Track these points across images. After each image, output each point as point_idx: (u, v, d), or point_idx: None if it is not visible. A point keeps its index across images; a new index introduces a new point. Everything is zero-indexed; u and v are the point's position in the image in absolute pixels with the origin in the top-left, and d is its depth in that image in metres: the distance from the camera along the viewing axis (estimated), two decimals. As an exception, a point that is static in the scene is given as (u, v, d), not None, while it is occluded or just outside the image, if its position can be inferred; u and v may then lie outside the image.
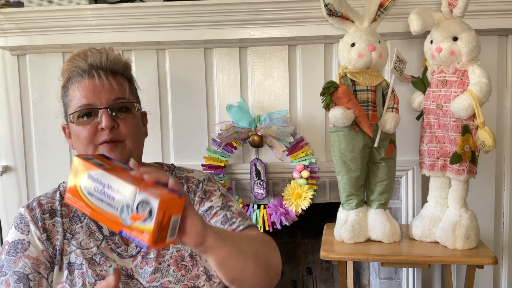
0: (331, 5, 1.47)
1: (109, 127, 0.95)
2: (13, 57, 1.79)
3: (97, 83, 0.97)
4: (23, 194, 1.84)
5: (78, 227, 1.01)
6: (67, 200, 0.76)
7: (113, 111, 0.98)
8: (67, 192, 0.76)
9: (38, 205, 1.02)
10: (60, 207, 1.02)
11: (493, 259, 1.39)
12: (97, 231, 1.01)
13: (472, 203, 1.54)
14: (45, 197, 1.04)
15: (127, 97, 1.00)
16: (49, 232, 0.99)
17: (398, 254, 1.44)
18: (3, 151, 1.84)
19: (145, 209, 0.68)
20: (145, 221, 0.68)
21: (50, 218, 1.01)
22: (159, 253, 0.99)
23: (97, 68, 0.99)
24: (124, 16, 1.65)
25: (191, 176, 1.10)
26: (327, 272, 2.28)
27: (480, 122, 1.39)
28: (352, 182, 1.52)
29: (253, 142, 1.72)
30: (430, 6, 1.56)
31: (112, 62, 1.01)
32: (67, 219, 1.01)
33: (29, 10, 1.65)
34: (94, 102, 0.97)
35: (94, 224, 1.01)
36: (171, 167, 1.13)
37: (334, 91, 1.44)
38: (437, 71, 1.49)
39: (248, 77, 1.77)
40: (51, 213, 1.01)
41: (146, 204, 0.68)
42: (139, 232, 0.69)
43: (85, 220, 1.01)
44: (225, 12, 1.64)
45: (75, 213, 1.02)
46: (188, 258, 0.99)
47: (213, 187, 1.08)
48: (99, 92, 0.97)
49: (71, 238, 0.99)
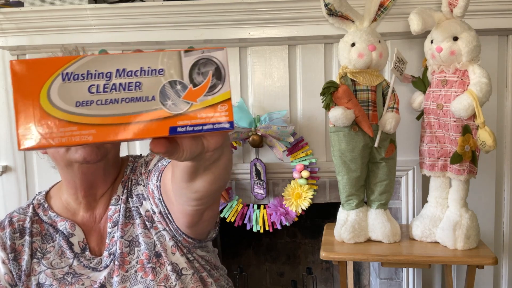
0: (331, 5, 1.47)
1: None
2: (12, 57, 1.79)
3: None
4: (23, 194, 1.84)
5: (50, 247, 0.98)
6: (26, 143, 0.42)
7: None
8: (20, 130, 0.42)
9: (9, 223, 0.99)
10: (31, 224, 0.99)
11: (493, 259, 1.39)
12: (68, 250, 0.98)
13: (472, 203, 1.54)
14: (17, 213, 1.02)
15: None
16: (17, 253, 0.97)
17: (398, 254, 1.44)
18: (3, 151, 1.84)
19: (207, 73, 0.45)
20: (213, 90, 0.45)
21: (20, 238, 0.98)
22: (124, 260, 0.95)
23: None
24: (124, 16, 1.65)
25: (140, 162, 1.03)
26: (327, 272, 2.28)
27: (480, 122, 1.39)
28: (352, 182, 1.51)
29: (253, 142, 1.72)
30: (430, 6, 1.56)
31: None
32: (38, 237, 0.99)
33: (29, 10, 1.65)
34: None
35: (65, 242, 0.98)
36: (136, 158, 1.07)
37: (334, 91, 1.44)
38: (437, 71, 1.49)
39: (248, 77, 1.77)
40: (22, 232, 0.99)
41: (206, 65, 0.45)
42: (210, 110, 0.45)
43: (57, 239, 0.99)
44: (225, 12, 1.64)
45: (47, 231, 1.00)
46: (154, 259, 0.95)
47: (152, 156, 1.02)
48: None
49: (41, 258, 0.97)
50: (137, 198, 0.99)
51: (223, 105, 0.45)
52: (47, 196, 1.05)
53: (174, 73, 0.44)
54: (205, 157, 0.57)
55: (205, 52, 0.45)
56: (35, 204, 1.03)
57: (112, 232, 0.98)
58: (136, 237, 0.97)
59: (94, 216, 1.01)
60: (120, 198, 1.00)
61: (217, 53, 0.45)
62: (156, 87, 0.44)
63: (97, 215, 1.01)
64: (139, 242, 0.96)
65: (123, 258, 0.95)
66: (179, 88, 0.44)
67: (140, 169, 1.02)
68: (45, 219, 1.01)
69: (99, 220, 1.01)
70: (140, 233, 0.96)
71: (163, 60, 0.44)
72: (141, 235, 0.96)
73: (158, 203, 0.93)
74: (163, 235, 0.96)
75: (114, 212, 0.99)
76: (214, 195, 0.72)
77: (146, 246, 0.95)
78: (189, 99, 0.44)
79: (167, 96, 0.44)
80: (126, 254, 0.96)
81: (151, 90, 0.44)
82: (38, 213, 1.02)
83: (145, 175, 1.00)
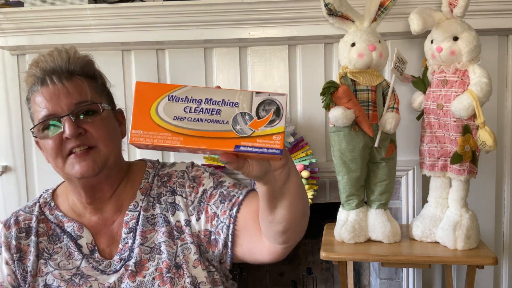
0: (331, 5, 1.47)
1: (73, 135, 0.87)
2: (12, 57, 1.78)
3: (52, 90, 0.89)
4: (23, 194, 1.84)
5: (57, 247, 0.96)
6: (135, 139, 0.61)
7: (79, 116, 0.89)
8: (133, 130, 0.61)
9: (15, 222, 0.97)
10: (37, 223, 0.97)
11: (493, 259, 1.38)
12: (76, 251, 0.96)
13: (472, 203, 1.54)
14: (24, 212, 1.00)
15: (90, 99, 0.91)
16: (22, 253, 0.95)
17: (398, 254, 1.44)
18: (2, 151, 1.84)
19: (270, 111, 0.61)
20: (271, 124, 0.61)
21: (26, 238, 0.96)
22: (143, 267, 0.94)
23: (50, 73, 0.90)
24: (124, 16, 1.64)
25: (172, 171, 1.02)
26: (327, 272, 2.27)
27: (480, 122, 1.39)
28: (352, 182, 1.51)
29: (253, 142, 1.72)
30: (430, 6, 1.56)
31: (66, 62, 0.92)
32: (44, 237, 0.97)
33: (29, 10, 1.65)
34: (54, 111, 0.88)
35: (73, 244, 0.96)
36: (155, 164, 1.05)
37: (334, 91, 1.44)
38: (438, 71, 1.49)
39: (248, 77, 1.76)
40: (28, 231, 0.97)
41: (270, 104, 0.61)
42: (266, 138, 0.61)
43: (64, 240, 0.97)
44: (225, 12, 1.64)
45: (54, 231, 0.97)
46: (174, 270, 0.93)
47: (199, 170, 1.02)
48: (57, 99, 0.88)
49: (48, 259, 0.95)
50: (170, 206, 0.97)
51: (277, 135, 0.60)
52: (54, 194, 1.03)
53: (245, 107, 0.61)
54: (275, 177, 0.69)
55: (271, 95, 0.61)
56: (42, 202, 1.01)
57: (126, 238, 0.96)
58: (159, 244, 0.95)
59: (104, 219, 0.99)
60: (139, 205, 0.98)
61: (280, 97, 0.61)
62: (231, 115, 0.61)
63: (107, 218, 0.99)
64: (161, 250, 0.95)
65: (142, 265, 0.94)
66: (247, 118, 0.61)
67: (181, 181, 1.00)
68: (51, 219, 0.99)
69: (110, 223, 0.99)
70: (163, 241, 0.95)
71: (239, 96, 0.61)
72: (164, 244, 0.95)
73: (222, 231, 0.93)
74: (188, 247, 0.95)
75: (131, 218, 0.97)
76: (297, 226, 0.82)
77: (168, 255, 0.94)
78: (253, 127, 0.61)
79: (237, 123, 0.61)
80: (146, 261, 0.94)
81: (227, 116, 0.61)
82: (45, 212, 1.00)
83: (194, 190, 0.98)
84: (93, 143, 0.89)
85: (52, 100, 0.88)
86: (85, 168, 0.88)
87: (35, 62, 0.92)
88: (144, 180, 1.01)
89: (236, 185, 0.99)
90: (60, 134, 0.88)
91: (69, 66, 0.92)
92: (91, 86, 0.93)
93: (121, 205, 0.99)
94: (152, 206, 0.98)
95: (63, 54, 0.92)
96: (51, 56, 0.92)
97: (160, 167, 1.04)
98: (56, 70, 0.91)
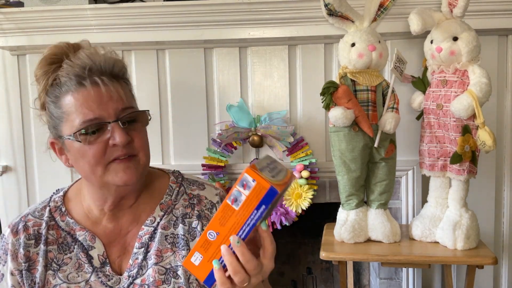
0: (331, 5, 1.47)
1: (124, 143, 0.83)
2: (13, 57, 1.79)
3: (103, 92, 0.83)
4: (23, 194, 1.84)
5: (67, 258, 0.92)
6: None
7: (124, 123, 0.85)
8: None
9: (24, 228, 0.92)
10: (47, 230, 0.92)
11: (493, 259, 1.39)
12: (86, 263, 0.91)
13: (472, 203, 1.54)
14: (32, 216, 0.94)
15: (135, 106, 0.88)
16: (31, 262, 0.90)
17: (398, 254, 1.44)
18: (3, 151, 1.84)
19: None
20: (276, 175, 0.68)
21: (35, 246, 0.91)
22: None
23: (98, 72, 0.84)
24: (124, 16, 1.65)
25: (203, 196, 0.98)
26: (327, 272, 2.28)
27: (480, 122, 1.39)
28: (352, 182, 1.51)
29: (253, 142, 1.72)
30: (430, 6, 1.56)
31: (112, 62, 0.86)
32: (54, 246, 0.92)
33: (29, 10, 1.65)
34: (101, 115, 0.83)
35: (84, 255, 0.92)
36: (178, 178, 1.01)
37: (334, 91, 1.44)
38: (437, 71, 1.49)
39: (248, 77, 1.77)
40: (37, 238, 0.92)
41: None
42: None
43: (75, 250, 0.92)
44: (225, 12, 1.64)
45: (65, 239, 0.92)
46: None
47: None
48: (106, 103, 0.83)
49: (57, 270, 0.91)
50: (192, 231, 0.95)
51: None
52: (65, 197, 0.98)
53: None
54: None
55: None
56: (52, 206, 0.96)
57: (137, 253, 0.93)
58: (176, 267, 0.92)
59: (119, 227, 0.95)
60: (156, 221, 0.94)
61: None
62: None
63: (122, 227, 0.95)
64: (177, 274, 0.91)
65: (157, 286, 0.90)
66: None
67: (207, 214, 0.96)
68: (62, 226, 0.94)
69: (125, 233, 0.95)
70: (181, 266, 0.91)
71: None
72: (181, 268, 0.92)
73: None
74: None
75: (145, 233, 0.94)
76: None
77: (184, 281, 0.91)
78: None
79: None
80: (160, 282, 0.90)
81: None
82: (55, 218, 0.95)
83: None
84: (135, 152, 0.86)
85: (101, 104, 0.83)
86: (129, 176, 0.85)
87: (74, 57, 0.85)
88: (166, 196, 0.97)
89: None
90: (106, 140, 0.83)
91: (113, 68, 0.86)
92: (127, 91, 0.89)
93: (138, 217, 0.95)
94: (174, 225, 0.95)
95: (106, 52, 0.87)
96: (93, 53, 0.85)
97: (187, 184, 1.00)
98: (102, 70, 0.85)
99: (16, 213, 1.84)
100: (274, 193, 0.64)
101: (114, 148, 0.84)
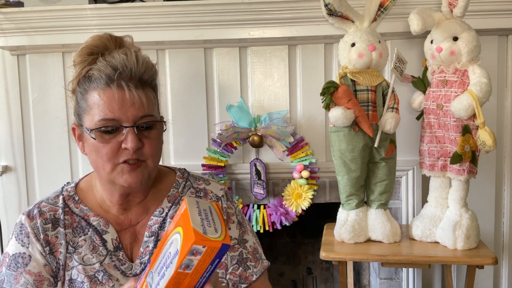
0: (331, 5, 1.47)
1: (134, 149, 0.87)
2: (13, 57, 1.79)
3: (127, 97, 0.86)
4: (23, 194, 1.84)
5: (81, 240, 0.94)
6: None
7: (139, 129, 0.89)
8: None
9: (39, 213, 0.94)
10: (63, 215, 0.95)
11: (493, 259, 1.39)
12: (101, 245, 0.94)
13: (472, 203, 1.54)
14: (47, 203, 0.96)
15: (155, 114, 0.91)
16: (51, 245, 0.93)
17: (398, 254, 1.44)
18: (3, 151, 1.84)
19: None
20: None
21: (52, 229, 0.93)
22: None
23: (127, 77, 0.87)
24: (124, 16, 1.65)
25: (209, 190, 1.03)
26: (327, 272, 2.28)
27: (480, 122, 1.39)
28: (352, 182, 1.51)
29: (253, 142, 1.72)
30: (430, 6, 1.56)
31: (143, 69, 0.89)
32: (69, 229, 0.94)
33: (29, 10, 1.65)
34: (119, 118, 0.86)
35: (98, 238, 0.95)
36: (184, 174, 1.06)
37: (334, 91, 1.44)
38: (437, 71, 1.49)
39: (248, 77, 1.77)
40: (54, 222, 0.94)
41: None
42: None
43: (89, 233, 0.95)
44: (225, 12, 1.64)
45: (79, 224, 0.95)
46: None
47: (231, 210, 1.03)
48: (127, 107, 0.86)
49: (73, 252, 0.93)
50: None
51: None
52: (77, 188, 1.01)
53: None
54: None
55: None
56: (65, 195, 0.98)
57: (148, 242, 0.96)
58: None
59: (129, 218, 0.98)
60: (165, 211, 0.99)
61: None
62: None
63: (132, 219, 0.98)
64: None
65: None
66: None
67: None
68: (76, 211, 0.97)
69: (135, 223, 0.99)
70: None
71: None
72: None
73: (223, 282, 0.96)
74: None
75: (154, 223, 0.97)
76: None
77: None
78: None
79: None
80: None
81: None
82: (69, 205, 0.97)
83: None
84: (143, 158, 0.90)
85: (123, 107, 0.86)
86: (134, 179, 0.89)
87: (109, 55, 0.89)
88: (173, 189, 1.02)
89: (255, 253, 1.02)
90: (119, 142, 0.87)
91: (144, 74, 0.90)
92: (150, 97, 0.91)
93: (148, 209, 0.99)
94: None
95: (139, 57, 0.90)
96: (126, 55, 0.88)
97: (193, 179, 1.05)
98: (132, 75, 0.88)
99: (16, 213, 1.84)
100: (227, 247, 0.64)
101: (125, 151, 0.88)
